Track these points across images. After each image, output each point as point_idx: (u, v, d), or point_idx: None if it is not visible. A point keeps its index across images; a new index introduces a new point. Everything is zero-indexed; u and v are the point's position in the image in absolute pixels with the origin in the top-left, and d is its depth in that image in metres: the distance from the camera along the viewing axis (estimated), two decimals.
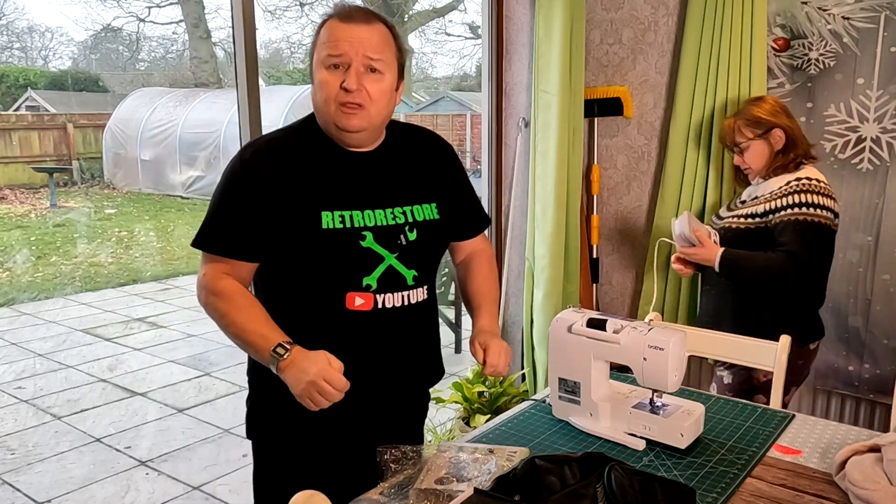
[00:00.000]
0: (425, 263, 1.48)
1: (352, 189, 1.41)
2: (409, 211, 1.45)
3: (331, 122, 1.38)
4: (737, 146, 2.22)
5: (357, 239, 1.38)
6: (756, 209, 2.15)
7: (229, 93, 11.75)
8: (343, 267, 1.37)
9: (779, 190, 2.13)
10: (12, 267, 8.23)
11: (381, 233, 1.40)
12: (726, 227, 2.21)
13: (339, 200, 1.38)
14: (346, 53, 1.33)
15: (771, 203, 2.11)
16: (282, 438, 1.48)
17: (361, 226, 1.39)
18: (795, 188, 2.08)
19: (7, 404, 4.27)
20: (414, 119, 15.45)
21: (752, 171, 2.22)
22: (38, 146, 12.72)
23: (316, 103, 1.40)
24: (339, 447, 1.48)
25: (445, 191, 1.54)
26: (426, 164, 1.53)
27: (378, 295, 1.40)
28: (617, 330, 1.46)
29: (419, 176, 1.50)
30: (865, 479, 1.20)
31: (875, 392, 2.58)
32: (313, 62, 1.38)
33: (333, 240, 1.36)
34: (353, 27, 1.34)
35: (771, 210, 2.10)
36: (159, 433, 3.79)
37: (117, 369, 4.91)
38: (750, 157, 2.20)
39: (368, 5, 13.91)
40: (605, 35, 3.01)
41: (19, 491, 3.18)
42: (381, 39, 1.36)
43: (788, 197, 2.08)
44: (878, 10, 2.41)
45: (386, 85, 1.37)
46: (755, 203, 2.17)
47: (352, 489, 1.24)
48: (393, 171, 1.47)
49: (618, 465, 1.11)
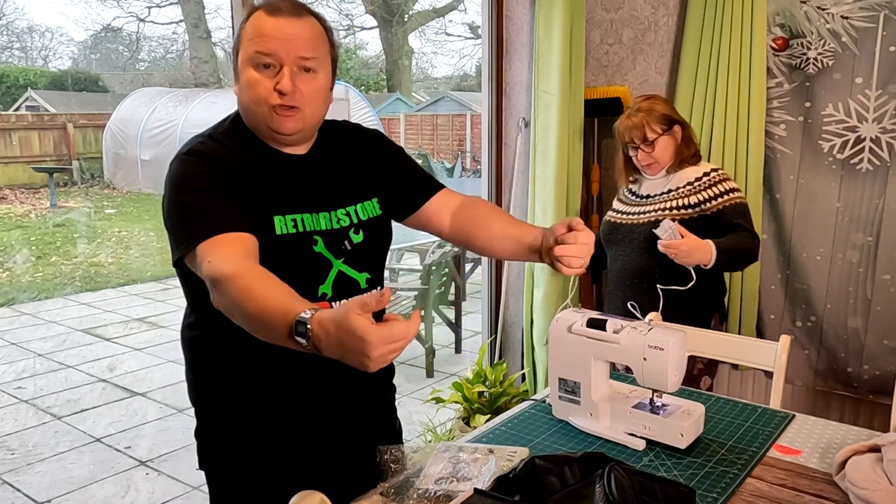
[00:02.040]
0: (375, 263, 1.42)
1: (298, 191, 1.32)
2: (353, 211, 1.38)
3: (263, 125, 1.29)
4: (646, 142, 2.26)
5: (310, 244, 1.30)
6: (684, 200, 2.24)
7: (229, 93, 11.73)
8: (298, 275, 1.22)
9: (700, 182, 2.24)
10: (12, 267, 8.23)
11: (328, 237, 1.32)
12: (661, 219, 2.22)
13: (289, 203, 1.29)
14: (277, 52, 1.23)
15: (701, 194, 2.22)
16: (236, 468, 1.38)
17: (312, 230, 1.30)
18: (718, 178, 2.24)
19: (7, 404, 4.27)
20: (414, 119, 15.45)
21: (659, 165, 2.28)
22: (38, 146, 12.73)
23: (244, 104, 1.30)
24: (297, 468, 1.37)
25: (385, 179, 1.46)
26: (360, 159, 1.44)
27: (334, 303, 1.32)
28: (617, 330, 1.46)
29: (356, 172, 1.42)
30: (865, 479, 1.20)
31: (875, 392, 2.57)
32: (238, 58, 1.28)
33: (288, 246, 1.27)
34: (283, 21, 1.24)
35: (706, 199, 2.22)
36: (159, 433, 3.79)
37: (117, 369, 4.91)
38: (659, 151, 2.26)
39: (368, 5, 13.81)
40: (605, 35, 3.01)
41: (19, 491, 3.18)
42: (314, 35, 1.27)
43: (717, 186, 2.22)
44: (878, 10, 2.41)
45: (320, 84, 1.29)
46: (678, 195, 2.25)
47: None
48: (330, 171, 1.39)
49: (618, 465, 1.11)
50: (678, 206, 2.24)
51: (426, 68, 21.95)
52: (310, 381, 1.35)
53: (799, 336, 2.69)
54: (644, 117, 2.25)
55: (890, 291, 2.51)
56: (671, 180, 2.29)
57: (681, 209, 2.23)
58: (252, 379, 1.33)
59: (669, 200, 2.26)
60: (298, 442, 1.37)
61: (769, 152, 2.67)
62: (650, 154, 2.26)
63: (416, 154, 12.93)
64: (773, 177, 2.68)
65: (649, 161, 2.28)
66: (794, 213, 2.66)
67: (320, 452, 1.40)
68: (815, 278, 2.64)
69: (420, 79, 21.22)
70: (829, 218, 2.59)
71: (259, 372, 1.32)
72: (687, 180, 2.26)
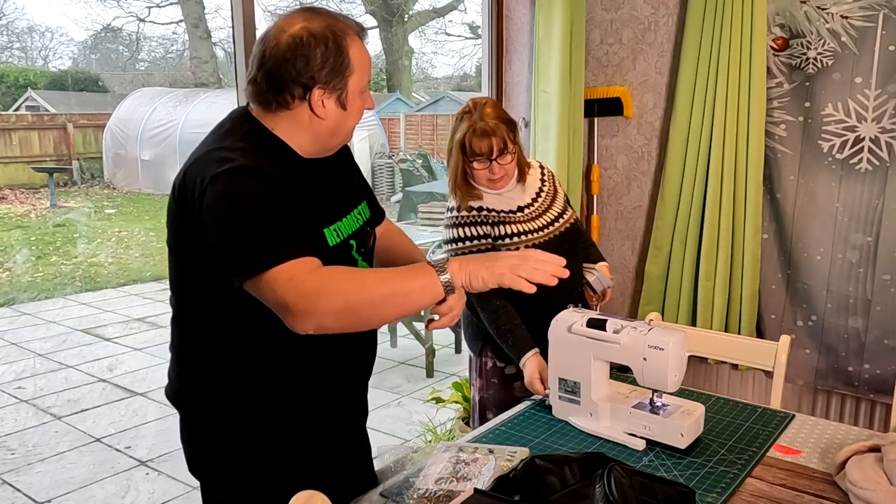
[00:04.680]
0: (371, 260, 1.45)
1: (333, 198, 1.34)
2: (362, 210, 1.42)
3: (330, 145, 1.32)
4: (504, 153, 1.88)
5: (349, 250, 1.32)
6: (554, 211, 2.01)
7: (229, 93, 11.74)
8: None
9: (551, 186, 2.05)
10: (12, 267, 8.23)
11: (358, 238, 1.35)
12: (549, 238, 1.97)
13: (331, 213, 1.31)
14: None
15: (559, 201, 2.04)
16: (229, 473, 1.35)
17: (348, 234, 1.32)
18: (553, 181, 2.07)
19: (7, 404, 4.28)
20: (414, 119, 15.44)
21: (509, 176, 1.95)
22: (38, 146, 12.73)
23: (338, 127, 1.28)
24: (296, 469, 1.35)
25: (363, 184, 1.51)
26: (349, 164, 1.47)
27: None
28: (617, 330, 1.46)
29: (351, 174, 1.45)
30: (865, 479, 1.20)
31: (875, 392, 2.58)
32: (349, 84, 1.25)
33: (337, 256, 1.27)
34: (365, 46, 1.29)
35: (565, 207, 2.04)
36: (159, 433, 3.79)
37: (117, 369, 4.91)
38: (514, 161, 1.95)
39: (368, 5, 13.81)
40: (605, 35, 3.01)
41: (19, 491, 3.18)
42: None
43: (560, 191, 2.07)
44: (877, 9, 2.41)
45: None
46: (546, 207, 2.00)
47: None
48: (342, 172, 1.42)
49: (618, 466, 1.11)
50: (555, 217, 2.01)
51: (426, 68, 21.95)
52: (310, 384, 1.35)
53: (800, 335, 2.69)
54: (503, 127, 1.88)
55: (890, 291, 2.50)
56: (525, 191, 2.00)
57: (556, 221, 2.01)
58: (246, 380, 1.31)
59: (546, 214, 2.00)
60: (297, 442, 1.36)
61: (769, 152, 2.67)
62: (504, 166, 1.91)
63: (417, 154, 12.92)
64: (774, 177, 2.68)
65: (502, 173, 1.91)
66: (794, 213, 2.66)
67: (319, 454, 1.39)
68: (815, 278, 2.64)
69: (420, 79, 21.22)
70: (829, 218, 2.58)
71: (254, 373, 1.30)
72: (538, 187, 2.02)
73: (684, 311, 2.85)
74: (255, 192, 1.16)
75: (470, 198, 1.93)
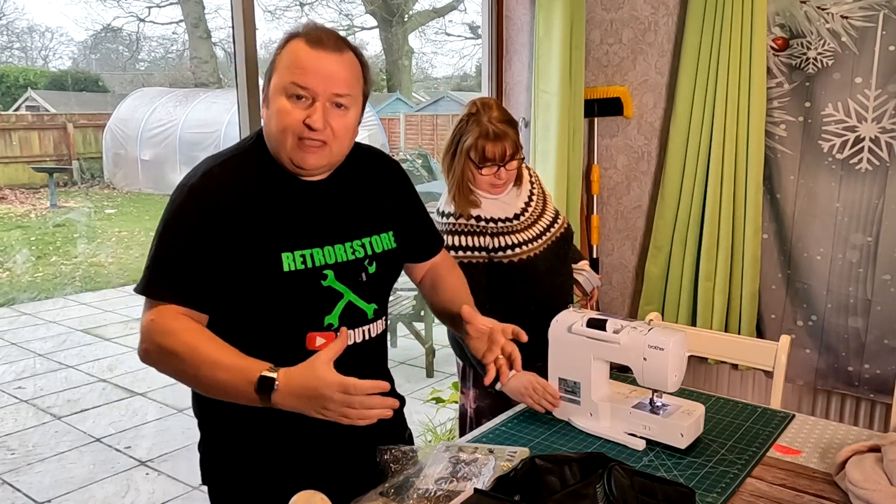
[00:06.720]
0: (383, 295, 1.41)
1: (311, 224, 1.29)
2: (368, 243, 1.35)
3: (285, 155, 1.25)
4: (513, 157, 1.85)
5: (318, 279, 1.27)
6: (547, 217, 1.98)
7: (229, 93, 11.74)
8: (303, 309, 1.27)
9: (539, 188, 2.01)
10: (12, 267, 8.23)
11: (342, 269, 1.30)
12: (545, 247, 1.93)
13: (299, 238, 1.26)
14: (313, 87, 1.20)
15: (549, 205, 2.01)
16: (239, 483, 1.36)
17: (322, 264, 1.28)
18: (539, 181, 2.05)
19: (7, 404, 4.28)
20: (414, 119, 15.44)
21: (510, 181, 1.91)
22: (38, 146, 12.72)
23: (270, 130, 1.25)
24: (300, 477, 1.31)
25: (401, 216, 1.45)
26: (380, 190, 1.42)
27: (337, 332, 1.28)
28: (617, 330, 1.46)
29: (375, 203, 1.39)
30: (865, 479, 1.20)
31: (875, 392, 2.58)
32: (271, 83, 1.24)
33: (294, 283, 1.24)
34: (324, 56, 1.21)
35: (555, 211, 2.02)
36: (159, 433, 3.79)
37: (117, 369, 4.91)
38: (516, 166, 1.89)
39: (368, 5, 13.77)
40: (605, 35, 3.01)
41: (19, 491, 3.18)
42: (352, 73, 1.25)
43: (546, 192, 2.04)
44: (877, 9, 2.41)
45: (350, 120, 1.26)
46: (539, 212, 1.97)
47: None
48: (348, 200, 1.35)
49: (618, 466, 1.11)
50: (551, 222, 1.98)
51: (426, 68, 21.91)
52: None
53: (800, 335, 2.69)
54: (512, 131, 1.84)
55: (890, 291, 2.51)
56: (520, 196, 1.96)
57: (553, 225, 1.98)
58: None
59: (542, 220, 1.97)
60: (302, 452, 1.35)
61: (769, 152, 2.67)
62: (510, 171, 1.87)
63: (416, 154, 12.91)
64: (774, 177, 2.68)
65: (506, 178, 1.87)
66: (794, 213, 2.66)
67: (323, 460, 1.38)
68: (815, 278, 2.64)
69: (420, 79, 21.20)
70: (830, 218, 2.58)
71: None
72: (530, 190, 1.98)
73: (684, 311, 2.85)
74: (177, 216, 1.23)
75: (469, 205, 1.87)
